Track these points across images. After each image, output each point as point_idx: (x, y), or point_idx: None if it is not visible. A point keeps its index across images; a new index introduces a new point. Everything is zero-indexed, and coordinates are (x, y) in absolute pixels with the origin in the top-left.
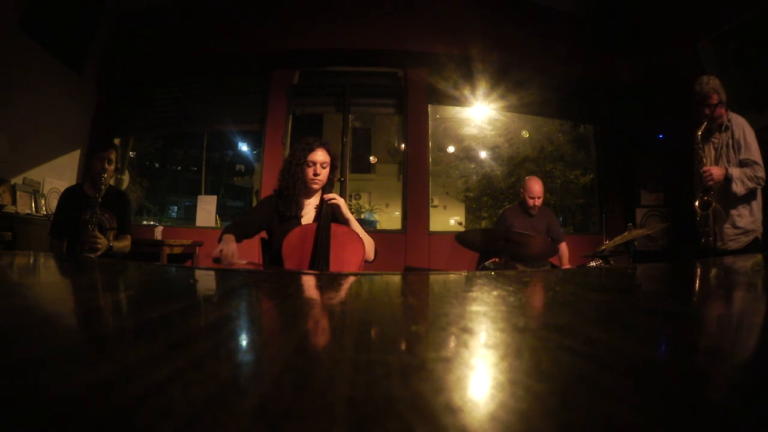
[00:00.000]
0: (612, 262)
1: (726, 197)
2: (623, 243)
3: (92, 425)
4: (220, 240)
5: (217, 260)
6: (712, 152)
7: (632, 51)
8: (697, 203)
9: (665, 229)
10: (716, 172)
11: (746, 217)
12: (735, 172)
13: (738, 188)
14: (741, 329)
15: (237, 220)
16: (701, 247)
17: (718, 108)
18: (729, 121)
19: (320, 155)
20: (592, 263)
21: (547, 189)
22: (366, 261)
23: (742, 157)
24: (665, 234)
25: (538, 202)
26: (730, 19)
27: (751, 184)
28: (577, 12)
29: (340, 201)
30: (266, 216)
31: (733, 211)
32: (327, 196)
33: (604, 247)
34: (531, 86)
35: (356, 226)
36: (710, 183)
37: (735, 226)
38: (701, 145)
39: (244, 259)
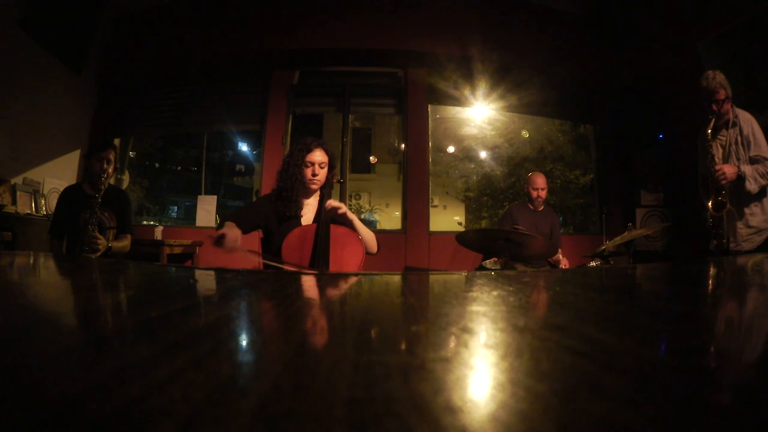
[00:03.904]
0: (612, 262)
1: (737, 196)
2: (623, 243)
3: (92, 425)
4: (220, 228)
5: (218, 243)
6: (720, 150)
7: (632, 51)
8: (710, 204)
9: (665, 229)
10: (729, 170)
11: (759, 216)
12: (747, 169)
13: (752, 186)
14: (742, 329)
15: (236, 213)
16: (712, 249)
17: (725, 104)
18: (736, 117)
19: (318, 155)
20: (592, 263)
21: (548, 189)
22: (369, 254)
23: (752, 153)
24: (665, 234)
25: (542, 193)
26: (730, 19)
27: (763, 182)
28: (577, 12)
29: (345, 208)
30: (264, 215)
31: (746, 210)
32: (331, 205)
33: (604, 247)
34: (531, 86)
35: (359, 225)
36: (723, 182)
37: (748, 226)
38: (711, 143)
39: (245, 247)
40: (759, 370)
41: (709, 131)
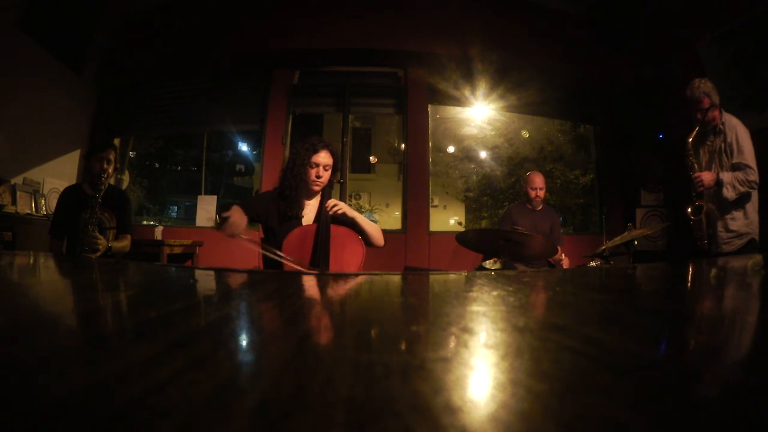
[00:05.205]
0: (612, 262)
1: (719, 202)
2: (623, 243)
3: (92, 425)
4: (225, 212)
5: (219, 226)
6: (706, 156)
7: (632, 51)
8: (689, 209)
9: (665, 229)
10: (707, 177)
11: (740, 220)
12: (726, 177)
13: (728, 193)
14: (740, 328)
15: (243, 201)
16: (698, 250)
17: (710, 111)
18: (722, 123)
19: (324, 157)
20: (592, 263)
21: (547, 189)
22: (377, 246)
23: (734, 160)
24: (665, 234)
25: (541, 193)
26: (730, 19)
27: (742, 189)
28: (577, 12)
29: (344, 207)
30: (266, 209)
31: (727, 215)
32: (329, 205)
33: (604, 247)
34: (531, 86)
35: (362, 220)
36: (701, 189)
37: (728, 230)
38: (692, 152)
39: (246, 235)
40: (758, 369)
41: (690, 140)
